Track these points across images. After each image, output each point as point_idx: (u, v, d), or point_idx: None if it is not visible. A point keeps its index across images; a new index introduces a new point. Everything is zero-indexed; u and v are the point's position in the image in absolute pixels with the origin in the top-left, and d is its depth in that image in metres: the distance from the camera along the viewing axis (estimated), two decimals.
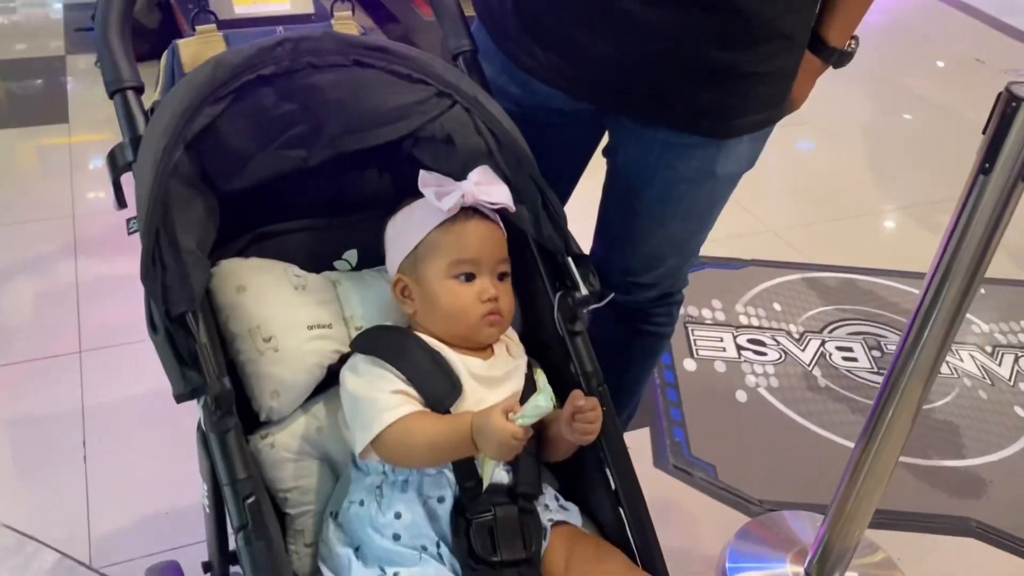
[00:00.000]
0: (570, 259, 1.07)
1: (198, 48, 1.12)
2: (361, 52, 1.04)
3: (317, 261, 1.12)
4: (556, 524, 1.00)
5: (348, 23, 1.21)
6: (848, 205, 2.98)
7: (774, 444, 1.92)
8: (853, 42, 1.25)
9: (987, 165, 1.09)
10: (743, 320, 2.30)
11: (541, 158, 1.18)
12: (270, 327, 1.00)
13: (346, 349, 1.03)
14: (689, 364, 2.12)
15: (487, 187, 1.03)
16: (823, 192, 3.06)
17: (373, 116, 1.05)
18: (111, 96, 0.99)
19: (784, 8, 1.09)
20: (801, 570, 1.60)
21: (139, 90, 1.00)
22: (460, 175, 1.04)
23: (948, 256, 1.18)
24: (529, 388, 1.04)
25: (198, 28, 1.12)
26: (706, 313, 2.31)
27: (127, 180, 0.99)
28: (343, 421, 1.00)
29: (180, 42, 1.13)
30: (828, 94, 3.97)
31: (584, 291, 1.06)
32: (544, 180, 1.09)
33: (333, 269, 1.13)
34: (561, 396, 1.08)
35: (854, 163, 3.31)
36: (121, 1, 1.01)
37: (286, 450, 1.02)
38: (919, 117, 3.81)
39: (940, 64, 4.51)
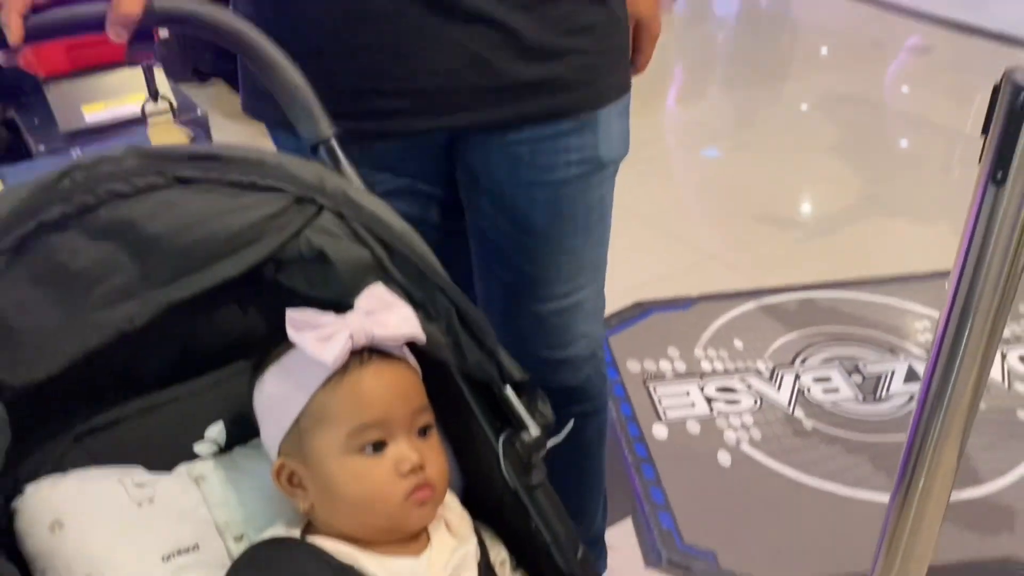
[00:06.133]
0: (509, 388, 0.81)
1: None
2: (183, 165, 0.77)
3: (170, 451, 0.82)
4: None
5: (170, 128, 0.94)
6: (785, 216, 2.81)
7: (773, 510, 1.67)
8: None
9: (999, 175, 0.88)
10: (706, 366, 2.06)
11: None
12: (106, 574, 0.70)
13: None
14: (659, 430, 1.87)
15: (382, 315, 0.76)
16: (754, 207, 2.87)
17: (211, 246, 0.78)
18: None
19: None
20: None
21: None
22: (345, 299, 0.78)
23: (965, 289, 0.96)
24: None
25: None
26: (664, 365, 2.07)
27: None
28: None
29: None
30: (729, 103, 3.87)
31: (534, 430, 0.80)
32: (458, 288, 0.83)
33: (194, 457, 0.84)
34: (530, 564, 0.82)
35: (776, 170, 3.14)
36: None
37: None
38: (828, 110, 3.69)
39: (843, 52, 4.44)
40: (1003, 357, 2.06)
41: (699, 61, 4.48)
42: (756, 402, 1.94)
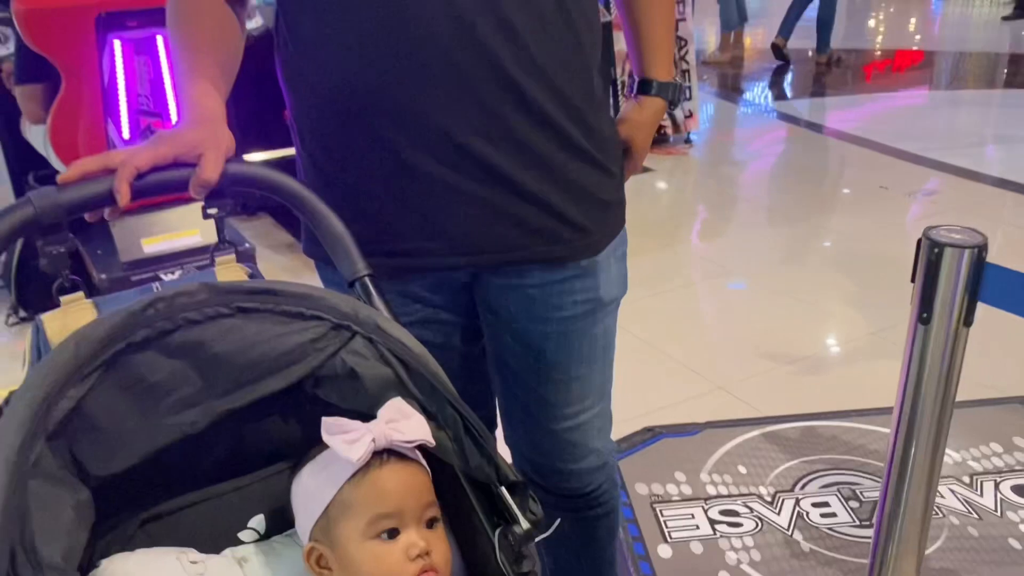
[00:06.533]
0: (504, 489, 0.96)
1: (64, 320, 1.02)
2: (244, 297, 0.95)
3: (220, 537, 0.97)
4: None
5: (233, 267, 1.13)
6: (792, 350, 2.94)
7: None
8: (679, 75, 1.32)
9: (924, 315, 1.04)
10: (711, 490, 2.17)
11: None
12: None
13: None
14: (664, 550, 1.97)
15: (401, 423, 0.92)
16: (764, 340, 3.02)
17: (263, 364, 0.95)
18: None
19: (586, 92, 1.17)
20: None
21: None
22: (370, 410, 0.94)
23: (907, 415, 1.10)
24: None
25: (63, 299, 1.02)
26: (671, 489, 2.18)
27: None
28: None
29: (45, 316, 1.03)
30: (746, 241, 4.08)
31: (524, 524, 0.94)
32: (464, 402, 0.99)
33: (239, 542, 0.99)
34: None
35: (787, 305, 3.31)
36: None
37: None
38: (837, 250, 3.88)
39: (846, 192, 4.68)
40: (996, 487, 2.15)
41: (718, 202, 4.73)
42: (757, 525, 2.04)
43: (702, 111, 6.14)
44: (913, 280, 1.05)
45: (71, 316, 1.02)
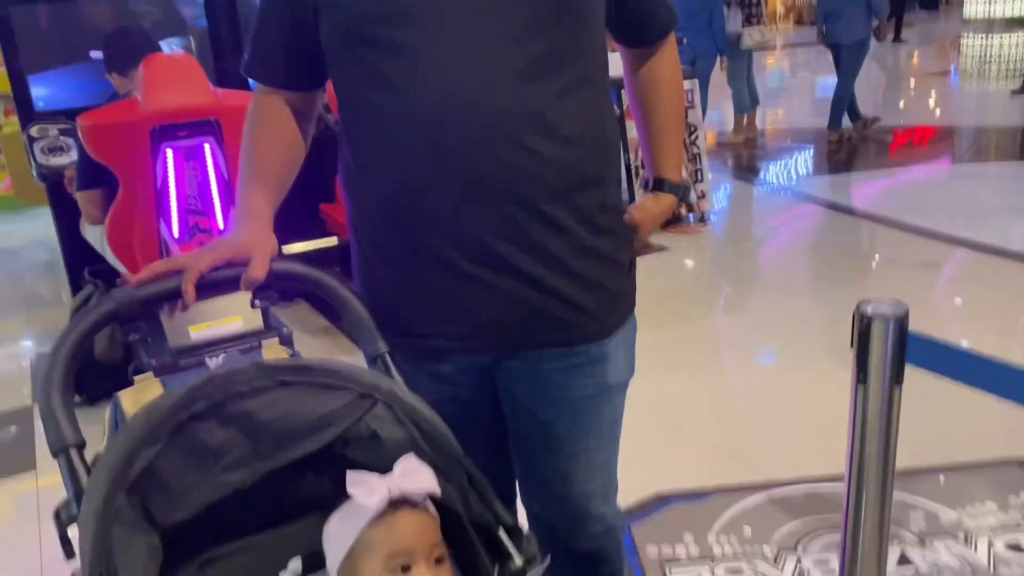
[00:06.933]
0: (502, 531, 1.13)
1: (137, 396, 1.23)
2: (285, 373, 1.15)
3: None
4: None
5: (277, 348, 1.34)
6: (797, 417, 3.07)
7: None
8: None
9: (861, 376, 1.21)
10: (717, 551, 2.30)
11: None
12: None
13: None
14: None
15: (412, 476, 1.11)
16: (771, 409, 3.16)
17: (300, 428, 1.14)
18: (54, 456, 1.08)
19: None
20: None
21: (81, 446, 1.09)
22: (389, 467, 1.12)
23: (856, 466, 1.27)
24: None
25: (135, 378, 1.23)
26: (680, 550, 2.31)
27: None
28: None
29: (120, 393, 1.24)
30: (757, 318, 4.22)
31: (519, 560, 1.11)
32: (469, 458, 1.17)
33: None
34: None
35: (794, 377, 3.45)
36: (63, 366, 1.13)
37: None
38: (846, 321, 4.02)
39: (857, 267, 4.84)
40: (990, 544, 2.25)
41: (731, 277, 4.91)
42: None
43: (718, 191, 6.37)
44: (852, 345, 1.22)
45: (143, 392, 1.22)
